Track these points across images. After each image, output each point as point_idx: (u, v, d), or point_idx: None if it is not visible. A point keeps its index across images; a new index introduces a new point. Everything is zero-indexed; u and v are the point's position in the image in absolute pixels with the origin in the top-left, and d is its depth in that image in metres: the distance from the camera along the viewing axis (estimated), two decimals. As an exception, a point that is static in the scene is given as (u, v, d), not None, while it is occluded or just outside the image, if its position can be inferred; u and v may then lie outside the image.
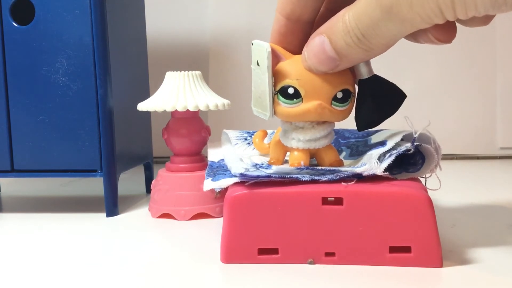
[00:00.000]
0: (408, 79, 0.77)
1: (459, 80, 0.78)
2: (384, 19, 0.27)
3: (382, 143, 0.34)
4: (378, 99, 0.33)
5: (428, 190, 0.33)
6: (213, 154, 0.46)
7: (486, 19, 0.28)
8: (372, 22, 0.27)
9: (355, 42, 0.29)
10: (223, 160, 0.42)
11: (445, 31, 0.28)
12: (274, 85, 0.33)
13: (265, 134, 0.44)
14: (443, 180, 0.34)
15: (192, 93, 0.45)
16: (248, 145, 0.46)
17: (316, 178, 0.32)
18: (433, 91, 0.78)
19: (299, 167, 0.33)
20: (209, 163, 0.43)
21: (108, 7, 0.46)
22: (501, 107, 0.78)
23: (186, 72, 0.46)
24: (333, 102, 0.33)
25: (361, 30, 0.28)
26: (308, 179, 0.32)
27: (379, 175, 0.32)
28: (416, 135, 0.32)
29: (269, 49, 0.31)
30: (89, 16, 0.45)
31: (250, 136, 0.47)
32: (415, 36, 0.29)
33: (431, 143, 0.32)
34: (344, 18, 0.29)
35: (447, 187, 0.37)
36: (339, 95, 0.33)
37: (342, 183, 0.31)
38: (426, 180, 0.34)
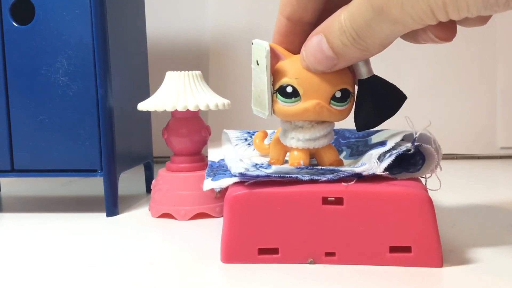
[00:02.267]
0: (408, 79, 0.77)
1: (460, 80, 0.78)
2: (376, 19, 0.27)
3: (382, 143, 0.34)
4: (377, 99, 0.33)
5: (428, 190, 0.33)
6: (213, 154, 0.46)
7: (483, 19, 0.28)
8: (365, 23, 0.27)
9: (350, 42, 0.29)
10: (223, 159, 0.42)
11: (445, 29, 0.28)
12: (273, 84, 0.33)
13: (265, 134, 0.44)
14: (443, 180, 0.34)
15: (192, 92, 0.45)
16: (248, 145, 0.46)
17: (316, 177, 0.32)
18: (433, 90, 0.78)
19: (298, 167, 0.33)
20: (209, 162, 0.43)
21: (108, 7, 0.46)
22: (502, 106, 0.78)
23: (186, 72, 0.46)
24: (331, 101, 0.33)
25: (356, 30, 0.28)
26: (307, 178, 0.32)
27: (379, 175, 0.32)
28: (417, 135, 0.32)
29: (268, 48, 0.32)
30: (89, 15, 0.45)
31: (251, 137, 0.47)
32: (414, 37, 0.29)
33: (432, 144, 0.32)
34: (340, 18, 0.29)
35: (447, 187, 0.37)
36: (338, 94, 0.33)
37: (342, 183, 0.31)
38: (426, 180, 0.34)
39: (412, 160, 0.34)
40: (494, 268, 0.31)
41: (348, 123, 0.36)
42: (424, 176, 0.34)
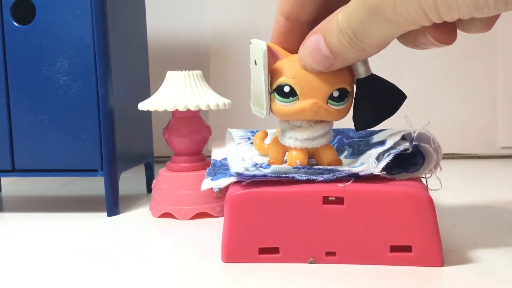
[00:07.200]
0: (408, 79, 0.77)
1: (460, 79, 0.78)
2: (371, 19, 0.27)
3: (382, 143, 0.34)
4: (376, 99, 0.33)
5: (429, 190, 0.33)
6: (216, 153, 0.46)
7: (485, 24, 0.28)
8: (361, 22, 0.27)
9: (347, 42, 0.29)
10: (226, 159, 0.42)
11: (444, 32, 0.28)
12: (271, 84, 0.33)
13: (266, 134, 0.44)
14: (443, 179, 0.34)
15: (193, 92, 0.45)
16: (251, 144, 0.46)
17: (313, 177, 0.32)
18: (434, 90, 0.78)
19: (296, 167, 0.33)
20: (212, 161, 0.43)
21: (109, 6, 0.46)
22: (502, 106, 0.78)
23: (187, 71, 0.46)
24: (329, 101, 0.33)
25: (352, 30, 0.28)
26: (304, 178, 0.32)
27: (379, 175, 0.32)
28: (415, 134, 0.32)
29: (265, 48, 0.32)
30: (90, 15, 0.45)
31: (254, 136, 0.47)
32: (414, 42, 0.29)
33: (431, 143, 0.32)
34: (337, 17, 0.29)
35: (448, 187, 0.37)
36: (335, 94, 0.33)
37: (339, 184, 0.31)
38: (427, 180, 0.34)
39: (413, 160, 0.34)
40: (494, 268, 0.31)
41: (352, 122, 0.36)
42: (424, 176, 0.34)
